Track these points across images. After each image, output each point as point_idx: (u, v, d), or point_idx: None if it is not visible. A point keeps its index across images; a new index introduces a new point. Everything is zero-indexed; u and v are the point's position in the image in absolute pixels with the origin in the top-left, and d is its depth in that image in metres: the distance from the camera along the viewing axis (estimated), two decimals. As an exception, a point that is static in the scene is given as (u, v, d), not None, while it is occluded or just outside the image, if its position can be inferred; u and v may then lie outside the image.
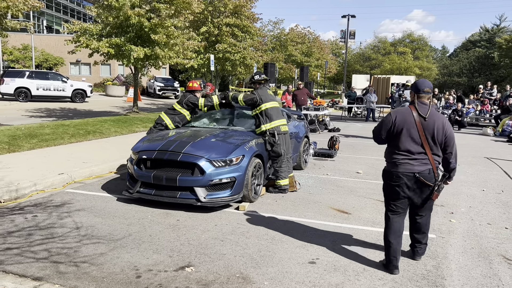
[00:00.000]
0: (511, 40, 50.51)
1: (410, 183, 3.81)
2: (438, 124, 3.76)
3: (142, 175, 5.70)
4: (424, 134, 3.75)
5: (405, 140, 3.80)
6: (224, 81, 41.55)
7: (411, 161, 3.79)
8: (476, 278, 3.83)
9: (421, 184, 3.80)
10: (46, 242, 4.31)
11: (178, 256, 4.07)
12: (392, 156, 3.90)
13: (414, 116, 3.78)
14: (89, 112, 18.55)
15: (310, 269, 3.87)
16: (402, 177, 3.81)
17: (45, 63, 33.11)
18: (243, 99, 6.68)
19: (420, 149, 3.77)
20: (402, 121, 3.80)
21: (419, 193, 3.86)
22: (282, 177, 6.49)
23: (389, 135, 3.91)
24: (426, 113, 3.76)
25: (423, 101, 3.84)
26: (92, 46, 14.32)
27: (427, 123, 3.75)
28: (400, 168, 3.81)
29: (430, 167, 3.78)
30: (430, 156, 3.78)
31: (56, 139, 9.89)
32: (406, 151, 3.80)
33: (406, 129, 3.78)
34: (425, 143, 3.76)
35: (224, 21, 23.36)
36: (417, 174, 3.76)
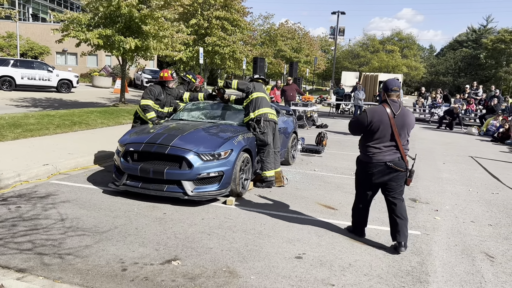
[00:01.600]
0: (497, 41, 51.30)
1: (382, 171, 4.25)
2: (408, 121, 4.25)
3: (129, 167, 5.65)
4: (396, 130, 4.19)
5: (380, 135, 4.21)
6: (213, 75, 41.39)
7: (382, 153, 4.24)
8: (459, 274, 3.89)
9: (393, 170, 4.22)
10: (30, 233, 4.25)
11: (164, 250, 4.05)
12: (367, 148, 4.31)
13: (388, 114, 4.19)
14: (75, 102, 18.29)
15: (297, 264, 3.89)
16: (375, 167, 4.26)
17: (30, 52, 32.50)
18: (237, 83, 6.68)
19: (392, 142, 4.22)
20: (378, 120, 4.19)
21: (391, 178, 4.27)
22: (268, 168, 6.47)
23: (364, 131, 4.32)
24: (397, 110, 4.20)
25: (393, 99, 4.26)
26: (81, 37, 14.09)
27: (399, 120, 4.19)
28: (374, 159, 4.26)
29: (399, 155, 4.23)
30: (400, 147, 4.22)
31: (41, 129, 9.74)
32: (380, 145, 4.23)
33: (382, 127, 4.18)
34: (397, 137, 4.20)
35: (214, 14, 23.23)
36: (388, 163, 4.21)
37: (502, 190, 7.40)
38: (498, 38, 51.14)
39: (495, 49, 51.17)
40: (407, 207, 5.90)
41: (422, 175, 8.23)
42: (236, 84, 6.67)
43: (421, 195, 6.69)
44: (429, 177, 8.09)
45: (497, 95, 19.59)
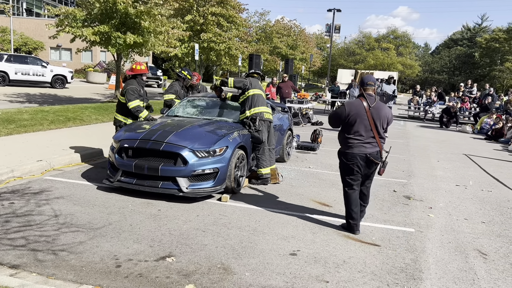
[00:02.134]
0: (491, 39, 51.54)
1: (362, 162, 4.55)
2: (383, 113, 4.54)
3: (123, 164, 5.63)
4: (373, 122, 4.48)
5: (358, 127, 4.50)
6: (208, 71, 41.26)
7: (364, 144, 4.52)
8: (452, 271, 3.91)
9: (370, 162, 4.57)
10: (23, 229, 4.23)
11: (159, 246, 4.04)
12: (348, 140, 4.58)
13: (364, 107, 4.50)
14: (69, 98, 18.18)
15: (291, 261, 3.90)
16: (356, 157, 4.54)
17: (24, 47, 32.26)
18: (233, 81, 6.64)
19: (370, 133, 4.51)
20: (355, 112, 4.50)
21: (368, 169, 4.64)
22: (263, 166, 6.46)
23: (343, 123, 4.62)
24: (372, 103, 4.49)
25: (369, 93, 4.57)
26: (77, 34, 13.98)
27: (375, 112, 4.49)
28: (355, 150, 4.53)
29: (378, 149, 4.57)
30: (377, 140, 4.54)
31: (35, 125, 9.67)
32: (360, 136, 4.52)
33: (359, 119, 4.49)
34: (374, 129, 4.50)
35: (209, 10, 23.12)
36: (368, 155, 4.51)
37: (495, 187, 7.45)
38: (492, 37, 51.39)
39: (490, 48, 51.43)
40: (401, 205, 5.97)
41: (417, 172, 8.26)
42: (233, 82, 6.63)
43: (415, 192, 6.72)
44: (424, 174, 8.13)
45: (491, 93, 19.68)
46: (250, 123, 6.43)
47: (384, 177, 7.63)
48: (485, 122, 16.73)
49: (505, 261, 4.24)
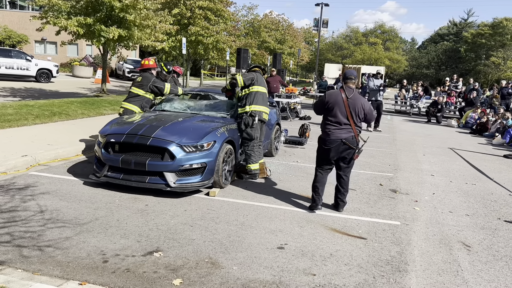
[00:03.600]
0: (477, 34, 52.16)
1: (338, 147, 4.98)
2: (359, 104, 5.00)
3: (110, 158, 5.58)
4: (349, 110, 4.95)
5: (335, 114, 4.98)
6: (196, 65, 41.03)
7: (339, 130, 4.98)
8: (437, 263, 3.98)
9: (347, 146, 4.96)
10: (8, 225, 4.18)
11: (146, 241, 4.03)
12: (326, 126, 5.06)
13: (342, 97, 5.00)
14: (55, 93, 17.93)
15: (279, 254, 3.92)
16: (332, 142, 4.99)
17: (8, 40, 31.64)
18: (243, 80, 6.59)
19: (346, 121, 4.96)
20: (333, 100, 5.01)
21: (345, 154, 5.02)
22: (253, 162, 6.46)
23: (324, 110, 5.10)
24: (350, 95, 4.99)
25: (349, 86, 5.11)
26: (60, 24, 13.76)
27: (351, 102, 4.96)
28: (332, 136, 4.99)
29: (352, 134, 4.97)
30: (353, 127, 4.97)
31: (19, 119, 9.53)
32: (336, 123, 4.99)
33: (336, 106, 4.97)
34: (350, 117, 4.96)
35: (197, 4, 22.95)
36: (343, 140, 4.94)
37: (480, 181, 7.57)
38: (478, 32, 51.99)
39: (475, 43, 52.04)
40: (387, 198, 6.03)
41: (403, 166, 8.36)
42: (243, 81, 6.58)
43: (401, 186, 6.80)
44: (410, 168, 8.23)
45: (476, 88, 19.95)
46: (249, 119, 6.40)
47: (370, 171, 7.72)
48: (470, 116, 16.96)
49: (488, 252, 4.33)
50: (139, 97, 7.12)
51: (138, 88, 7.16)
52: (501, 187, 7.23)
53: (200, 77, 32.08)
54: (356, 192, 6.26)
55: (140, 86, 7.14)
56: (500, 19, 49.28)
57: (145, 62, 7.28)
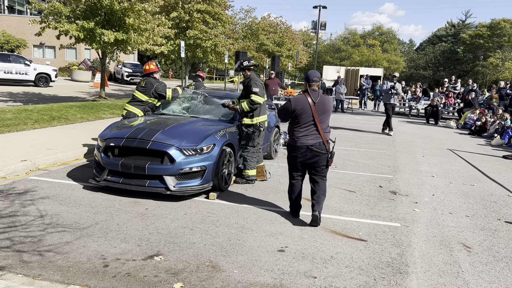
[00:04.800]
0: (475, 36, 52.29)
1: (305, 153, 4.73)
2: (326, 107, 4.79)
3: (110, 163, 5.58)
4: (317, 116, 4.70)
5: (302, 120, 4.73)
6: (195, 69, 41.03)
7: (306, 137, 4.72)
8: (437, 265, 3.98)
9: (315, 153, 4.71)
10: (8, 230, 4.17)
11: (146, 245, 4.03)
12: (293, 133, 4.82)
13: (308, 102, 4.71)
14: (53, 97, 17.93)
15: (279, 257, 3.92)
16: (299, 149, 4.75)
17: (6, 45, 31.63)
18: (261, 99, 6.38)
19: (314, 127, 4.72)
20: (300, 106, 4.72)
21: (316, 160, 4.76)
22: (251, 167, 6.44)
23: (290, 117, 4.84)
24: (316, 99, 4.71)
25: (314, 89, 4.79)
26: (61, 29, 13.77)
27: (318, 106, 4.71)
28: (298, 142, 4.74)
29: (320, 140, 4.72)
30: (321, 132, 4.71)
31: (18, 124, 9.52)
32: (303, 129, 4.74)
33: (303, 112, 4.71)
34: (317, 122, 4.71)
35: (195, 7, 22.98)
36: (310, 146, 4.69)
37: (479, 182, 7.58)
38: (476, 34, 52.11)
39: (473, 44, 52.17)
40: (387, 200, 6.03)
41: (402, 168, 8.37)
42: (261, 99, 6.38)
43: (401, 187, 6.80)
44: (409, 170, 8.23)
45: (474, 89, 20.00)
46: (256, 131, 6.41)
47: (370, 172, 7.73)
48: (469, 117, 16.99)
49: (489, 253, 4.33)
50: (143, 102, 7.15)
51: (141, 93, 7.17)
52: (500, 187, 7.23)
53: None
54: (356, 194, 6.26)
55: (144, 92, 7.16)
56: (498, 20, 49.42)
57: (146, 67, 7.29)
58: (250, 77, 6.50)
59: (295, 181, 5.00)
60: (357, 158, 9.11)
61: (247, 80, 6.50)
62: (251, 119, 6.43)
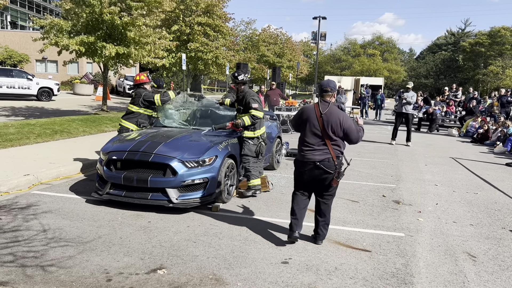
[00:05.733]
0: (474, 44, 52.50)
1: (312, 171, 4.33)
2: (335, 120, 4.26)
3: (112, 176, 5.59)
4: (324, 128, 4.27)
5: (309, 133, 4.36)
6: (196, 80, 41.25)
7: (313, 152, 4.32)
8: (443, 275, 3.95)
9: (322, 171, 4.28)
10: (11, 245, 4.16)
11: (149, 259, 4.01)
12: (301, 147, 4.45)
13: (316, 113, 4.33)
14: (56, 111, 18.02)
15: (283, 269, 3.90)
16: (305, 165, 4.36)
17: (9, 60, 31.92)
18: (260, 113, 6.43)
19: (320, 141, 4.31)
20: (306, 117, 4.38)
21: (322, 179, 4.33)
22: (254, 177, 6.41)
23: (298, 126, 4.51)
24: (324, 110, 4.29)
25: (325, 99, 4.39)
26: (62, 43, 13.90)
27: (326, 119, 4.26)
28: (305, 158, 4.36)
29: (329, 156, 4.28)
30: (330, 147, 4.29)
31: (21, 138, 9.56)
32: (309, 143, 4.35)
33: (309, 124, 4.35)
34: (325, 136, 4.28)
35: (196, 20, 23.18)
36: (317, 163, 4.27)
37: (482, 190, 7.54)
38: (476, 42, 52.33)
39: (474, 52, 52.36)
40: (391, 209, 6.00)
41: (405, 177, 8.34)
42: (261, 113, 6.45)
43: (404, 197, 6.77)
44: (412, 179, 8.21)
45: (475, 97, 20.01)
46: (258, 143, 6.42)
47: (373, 182, 7.70)
48: (471, 125, 16.97)
49: (494, 263, 4.29)
50: (134, 114, 7.16)
51: (132, 105, 7.23)
52: (504, 196, 7.20)
53: (200, 92, 32.32)
54: (359, 204, 6.24)
55: (134, 102, 7.22)
56: (498, 28, 49.64)
57: (137, 78, 7.32)
58: (246, 91, 6.50)
59: (300, 195, 4.57)
60: (359, 167, 9.09)
61: (241, 94, 6.51)
62: (253, 132, 6.43)
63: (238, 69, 7.51)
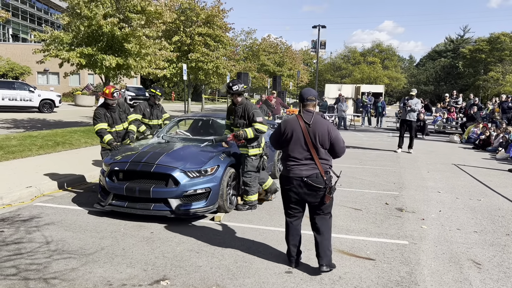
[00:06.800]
0: (474, 50, 52.64)
1: (300, 187, 3.94)
2: (322, 130, 3.90)
3: (114, 187, 5.58)
4: (310, 140, 3.90)
5: (294, 147, 3.97)
6: (197, 90, 41.38)
7: (299, 166, 3.94)
8: (447, 283, 3.92)
9: (311, 187, 3.90)
10: (13, 258, 4.15)
11: (152, 270, 3.99)
12: (286, 162, 4.06)
13: (300, 125, 3.95)
14: (58, 122, 18.07)
15: (287, 279, 3.87)
16: (292, 181, 3.96)
17: (11, 73, 32.13)
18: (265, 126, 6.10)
19: (307, 155, 3.93)
20: (290, 130, 3.99)
21: (312, 196, 3.96)
22: (253, 192, 6.17)
23: (282, 143, 4.10)
24: (310, 120, 3.92)
25: (308, 109, 4.01)
26: (62, 56, 13.99)
27: (312, 130, 3.90)
28: (291, 173, 3.97)
29: (317, 171, 3.90)
30: (317, 161, 3.91)
31: (23, 150, 9.58)
32: (295, 158, 3.97)
33: (294, 137, 3.97)
34: (312, 149, 3.90)
35: (196, 31, 23.32)
36: (305, 178, 3.90)
37: (486, 196, 7.51)
38: (476, 48, 52.46)
39: (474, 58, 52.47)
40: (394, 217, 5.97)
41: (407, 184, 8.32)
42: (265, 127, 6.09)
43: (407, 204, 6.75)
44: (414, 186, 8.18)
45: (476, 103, 20.02)
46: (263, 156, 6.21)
47: (375, 190, 7.68)
48: (472, 131, 16.96)
49: (499, 270, 4.26)
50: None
51: None
52: (508, 202, 7.17)
53: (201, 101, 32.38)
54: (362, 212, 6.22)
55: None
56: (497, 34, 49.78)
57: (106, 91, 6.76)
58: (245, 103, 6.17)
59: (291, 219, 4.17)
60: (361, 175, 9.07)
61: (240, 107, 6.15)
62: (259, 148, 6.14)
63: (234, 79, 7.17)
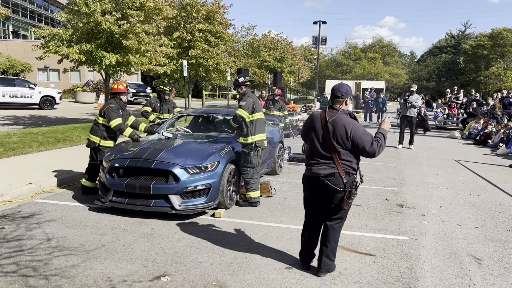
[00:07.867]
0: (475, 46, 52.44)
1: (318, 187, 3.78)
2: (340, 129, 3.65)
3: (115, 183, 5.59)
4: (330, 139, 3.68)
5: (314, 144, 3.81)
6: (198, 87, 41.36)
7: (318, 165, 3.76)
8: (448, 278, 3.92)
9: (329, 188, 3.69)
10: (14, 255, 4.16)
11: (153, 266, 4.00)
12: (308, 161, 3.91)
13: (321, 121, 3.77)
14: (58, 119, 18.08)
15: (287, 275, 3.88)
16: (311, 180, 3.83)
17: (11, 70, 32.11)
18: (245, 110, 6.00)
19: (325, 152, 3.72)
20: (311, 125, 3.85)
21: (329, 199, 3.77)
22: (253, 189, 6.14)
23: (304, 136, 3.97)
24: (331, 118, 3.70)
25: (335, 107, 3.79)
26: (62, 52, 13.97)
27: (332, 127, 3.67)
28: (310, 172, 3.83)
29: (336, 171, 3.67)
30: (336, 161, 3.68)
31: (24, 147, 9.58)
32: (316, 156, 3.80)
33: (313, 133, 3.81)
34: (332, 148, 3.68)
35: (196, 27, 23.28)
36: (322, 178, 3.69)
37: (486, 192, 7.51)
38: (477, 44, 52.27)
39: (474, 54, 52.30)
40: (394, 213, 5.97)
41: (408, 180, 8.31)
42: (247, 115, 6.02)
43: (407, 200, 6.75)
44: (415, 181, 8.18)
45: (476, 99, 19.97)
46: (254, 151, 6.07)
47: (376, 185, 7.68)
48: (473, 127, 16.93)
49: (500, 265, 4.26)
50: (98, 126, 6.59)
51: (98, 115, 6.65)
52: (509, 197, 7.16)
53: (202, 98, 32.35)
54: (362, 208, 6.22)
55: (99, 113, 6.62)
56: (499, 29, 49.55)
57: (114, 86, 6.70)
58: (244, 93, 6.23)
59: (309, 221, 4.04)
60: (362, 171, 9.03)
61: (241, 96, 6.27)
62: (245, 138, 6.09)
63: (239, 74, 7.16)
